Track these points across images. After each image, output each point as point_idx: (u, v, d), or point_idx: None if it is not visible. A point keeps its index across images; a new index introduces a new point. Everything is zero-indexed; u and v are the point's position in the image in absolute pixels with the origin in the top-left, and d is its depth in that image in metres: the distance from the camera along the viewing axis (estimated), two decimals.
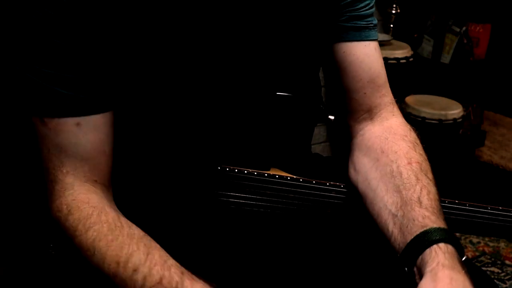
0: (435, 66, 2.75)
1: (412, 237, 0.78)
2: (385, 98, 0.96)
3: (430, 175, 0.87)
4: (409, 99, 2.62)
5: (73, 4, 0.74)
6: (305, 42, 0.91)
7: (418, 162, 0.87)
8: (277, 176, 0.89)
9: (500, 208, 0.92)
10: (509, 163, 2.83)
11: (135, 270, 0.72)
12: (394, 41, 2.64)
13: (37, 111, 0.78)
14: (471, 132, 2.78)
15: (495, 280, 2.04)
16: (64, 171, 0.79)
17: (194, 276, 0.72)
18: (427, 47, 2.78)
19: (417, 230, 0.78)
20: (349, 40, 0.93)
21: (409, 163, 0.87)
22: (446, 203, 0.89)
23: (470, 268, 0.86)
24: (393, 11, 2.76)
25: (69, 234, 0.77)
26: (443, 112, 2.51)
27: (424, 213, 0.80)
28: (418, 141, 0.93)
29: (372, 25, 0.94)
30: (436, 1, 2.79)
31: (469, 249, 2.23)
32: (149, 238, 0.76)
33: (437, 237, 0.77)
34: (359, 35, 0.93)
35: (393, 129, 0.94)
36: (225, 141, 0.89)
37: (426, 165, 0.88)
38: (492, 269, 2.11)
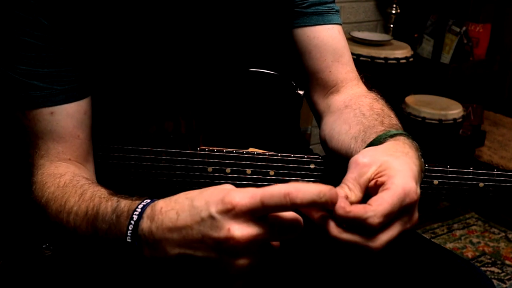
0: (435, 66, 2.75)
1: (370, 140, 0.81)
2: (350, 74, 1.01)
3: (392, 115, 0.90)
4: (409, 99, 2.62)
5: (40, 4, 0.81)
6: (269, 24, 0.96)
7: (380, 108, 0.92)
8: (255, 153, 0.90)
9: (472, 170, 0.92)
10: (509, 163, 2.83)
11: (70, 212, 0.77)
12: (394, 41, 2.64)
13: (18, 105, 0.85)
14: (471, 132, 2.78)
15: (495, 280, 2.04)
16: (39, 154, 0.86)
17: (111, 197, 0.74)
18: (427, 47, 2.78)
19: (375, 136, 0.82)
20: (312, 24, 0.98)
21: (371, 108, 0.91)
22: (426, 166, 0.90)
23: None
24: (393, 11, 2.76)
25: (37, 204, 0.83)
26: (443, 112, 2.51)
27: (386, 128, 0.83)
28: (381, 99, 0.96)
29: (334, 10, 1.00)
30: (436, 1, 2.79)
31: (469, 249, 2.23)
32: (92, 183, 0.81)
33: (393, 134, 0.79)
34: (322, 19, 0.98)
35: (358, 94, 0.97)
36: (204, 122, 0.93)
37: (388, 110, 0.92)
38: (492, 269, 2.11)
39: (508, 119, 3.30)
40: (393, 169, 0.68)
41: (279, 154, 0.91)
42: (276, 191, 0.57)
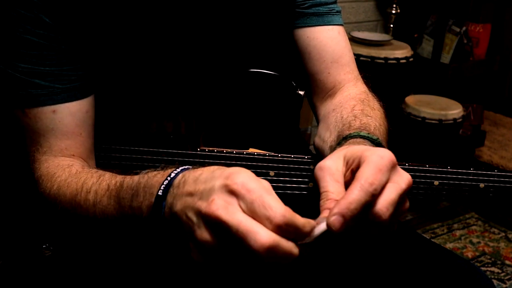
0: (435, 66, 2.75)
1: (335, 146, 0.83)
2: (349, 75, 1.01)
3: (371, 114, 0.90)
4: (409, 99, 2.62)
5: (42, 2, 0.81)
6: (269, 24, 0.96)
7: (361, 109, 0.91)
8: (255, 154, 0.90)
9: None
10: (509, 163, 2.83)
11: (88, 192, 0.78)
12: (394, 41, 2.64)
13: (18, 103, 0.85)
14: (471, 132, 2.78)
15: (495, 280, 2.04)
16: (41, 151, 0.87)
17: (135, 174, 0.75)
18: (427, 47, 2.78)
19: (339, 139, 0.83)
20: (312, 25, 0.98)
21: (352, 110, 0.91)
22: (426, 167, 0.90)
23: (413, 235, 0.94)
24: (393, 11, 2.77)
25: (45, 196, 0.84)
26: (443, 112, 2.51)
27: (351, 131, 0.84)
28: (370, 101, 0.96)
29: (334, 11, 0.99)
30: (436, 1, 2.79)
31: (469, 249, 2.23)
32: (105, 170, 0.82)
33: (347, 136, 0.81)
34: (322, 20, 0.98)
35: (349, 96, 0.97)
36: (204, 122, 0.93)
37: (370, 110, 0.92)
38: (492, 269, 2.11)
39: (508, 119, 3.30)
40: (357, 151, 0.69)
41: (279, 155, 0.91)
42: (275, 206, 0.57)
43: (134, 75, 0.89)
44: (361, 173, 0.64)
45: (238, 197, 0.58)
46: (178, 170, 0.67)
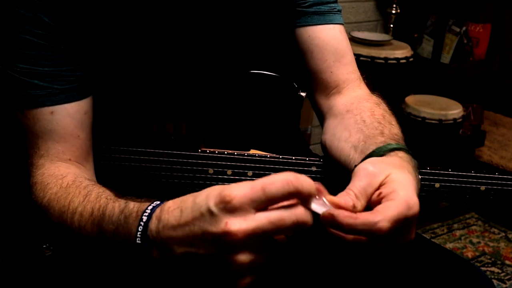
0: (435, 66, 2.75)
1: (369, 152, 0.81)
2: (352, 74, 1.00)
3: (393, 123, 0.90)
4: (409, 99, 2.62)
5: (41, 1, 0.80)
6: (271, 24, 0.95)
7: (381, 114, 0.91)
8: (256, 155, 0.90)
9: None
10: (509, 163, 2.83)
11: (74, 212, 0.76)
12: (394, 41, 2.64)
13: (18, 104, 0.85)
14: (471, 132, 2.78)
15: (495, 280, 2.04)
16: (39, 154, 0.86)
17: (118, 198, 0.74)
18: (427, 47, 2.78)
19: (374, 147, 0.81)
20: (314, 24, 0.98)
21: (372, 115, 0.91)
22: (427, 169, 0.90)
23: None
24: (393, 11, 2.77)
25: (37, 205, 0.83)
26: (443, 112, 2.51)
27: (386, 139, 0.83)
28: (383, 104, 0.96)
29: (335, 10, 0.99)
30: (436, 1, 2.79)
31: (469, 249, 2.23)
32: (95, 184, 0.81)
33: (392, 148, 0.79)
34: (323, 19, 0.98)
35: (360, 97, 0.97)
36: (205, 123, 0.93)
37: (389, 117, 0.92)
38: (492, 269, 2.11)
39: (508, 119, 3.30)
40: (397, 182, 0.68)
41: (280, 156, 0.91)
42: (277, 178, 0.57)
43: (134, 76, 0.89)
44: (383, 209, 0.64)
45: (249, 204, 0.57)
46: (148, 211, 0.65)
